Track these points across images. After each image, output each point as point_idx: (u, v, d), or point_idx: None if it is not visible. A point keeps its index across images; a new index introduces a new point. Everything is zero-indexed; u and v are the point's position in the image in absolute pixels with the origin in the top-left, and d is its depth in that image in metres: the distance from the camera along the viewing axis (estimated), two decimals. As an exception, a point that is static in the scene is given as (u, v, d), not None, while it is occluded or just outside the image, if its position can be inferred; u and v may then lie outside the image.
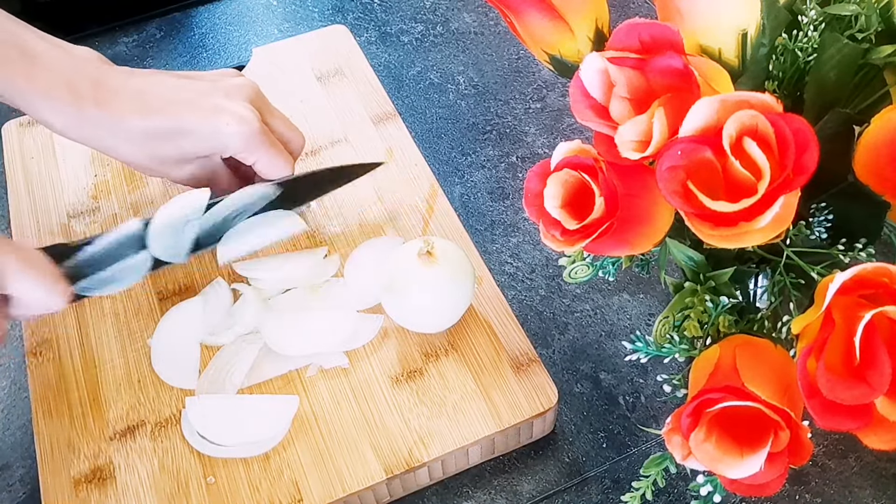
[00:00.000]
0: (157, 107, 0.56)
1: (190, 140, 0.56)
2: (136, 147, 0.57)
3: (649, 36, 0.38)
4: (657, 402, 0.58)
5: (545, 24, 0.44)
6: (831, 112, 0.39)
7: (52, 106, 0.55)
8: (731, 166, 0.34)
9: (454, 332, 0.58)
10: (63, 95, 0.54)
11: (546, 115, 0.75)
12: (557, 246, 0.39)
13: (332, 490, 0.52)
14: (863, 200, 0.39)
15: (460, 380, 0.55)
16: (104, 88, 0.56)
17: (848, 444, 0.55)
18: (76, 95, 0.55)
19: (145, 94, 0.56)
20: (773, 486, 0.37)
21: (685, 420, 0.37)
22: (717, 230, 0.35)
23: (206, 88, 0.58)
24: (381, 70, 0.79)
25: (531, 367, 0.56)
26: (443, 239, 0.57)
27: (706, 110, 0.35)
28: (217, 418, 0.54)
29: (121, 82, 0.56)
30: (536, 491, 0.55)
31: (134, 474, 0.53)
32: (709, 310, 0.41)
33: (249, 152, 0.57)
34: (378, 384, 0.56)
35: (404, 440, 0.53)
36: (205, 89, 0.57)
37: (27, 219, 0.66)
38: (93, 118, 0.55)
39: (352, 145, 0.69)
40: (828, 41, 0.38)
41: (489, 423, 0.53)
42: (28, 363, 0.58)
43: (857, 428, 0.34)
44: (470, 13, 0.84)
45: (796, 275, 0.41)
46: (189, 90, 0.57)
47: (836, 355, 0.34)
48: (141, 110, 0.55)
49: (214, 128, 0.56)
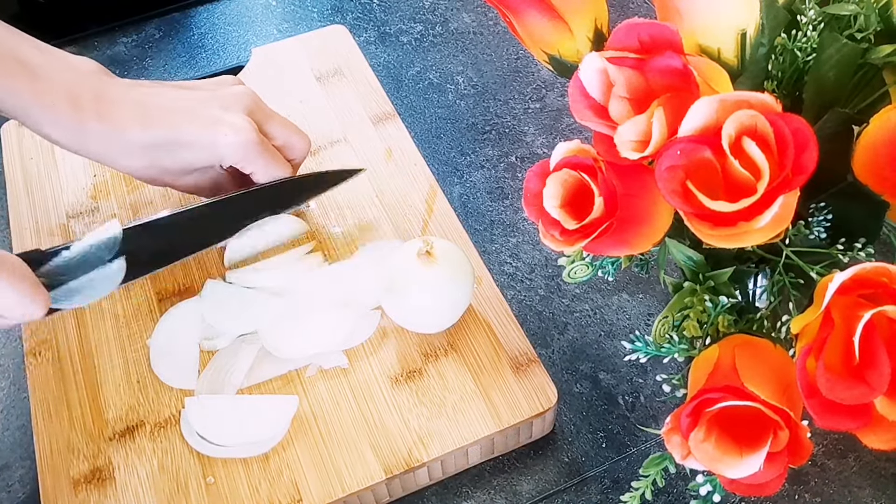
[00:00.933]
0: (157, 118, 0.56)
1: (189, 151, 0.57)
2: (137, 159, 0.57)
3: (648, 36, 0.38)
4: (656, 401, 0.58)
5: (544, 23, 0.44)
6: (830, 112, 0.39)
7: (53, 119, 0.54)
8: (731, 166, 0.34)
9: (453, 332, 0.58)
10: (64, 108, 0.54)
11: (545, 114, 0.75)
12: (557, 246, 0.39)
13: (332, 490, 0.51)
14: (862, 200, 0.39)
15: (460, 380, 0.55)
16: (105, 101, 0.55)
17: (847, 443, 0.55)
18: (77, 108, 0.54)
19: (145, 106, 0.56)
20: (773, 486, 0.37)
21: (684, 420, 0.37)
22: (717, 230, 0.35)
23: (205, 98, 0.58)
24: (380, 70, 0.79)
25: (531, 368, 0.56)
26: (442, 239, 0.57)
27: (705, 110, 0.35)
28: (216, 419, 0.54)
29: (121, 94, 0.56)
30: (536, 491, 0.55)
31: (133, 475, 0.53)
32: (708, 310, 0.41)
33: (247, 162, 0.57)
34: (377, 384, 0.56)
35: (404, 440, 0.53)
36: (203, 99, 0.57)
37: (26, 219, 0.66)
38: (94, 131, 0.55)
39: (351, 145, 0.69)
40: (827, 41, 0.38)
41: (489, 424, 0.53)
42: (27, 364, 0.58)
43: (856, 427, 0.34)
44: (469, 13, 0.84)
45: (795, 274, 0.41)
46: (188, 100, 0.57)
47: (836, 355, 0.34)
48: (141, 122, 0.55)
49: (212, 139, 0.56)
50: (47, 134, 0.55)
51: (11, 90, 0.54)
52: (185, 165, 0.57)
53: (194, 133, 0.56)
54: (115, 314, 0.60)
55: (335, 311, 0.59)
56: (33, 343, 0.59)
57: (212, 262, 0.62)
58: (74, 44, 0.83)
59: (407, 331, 0.58)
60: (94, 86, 0.56)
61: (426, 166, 0.67)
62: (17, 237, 0.65)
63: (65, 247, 0.53)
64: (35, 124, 0.55)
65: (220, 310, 0.59)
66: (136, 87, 0.57)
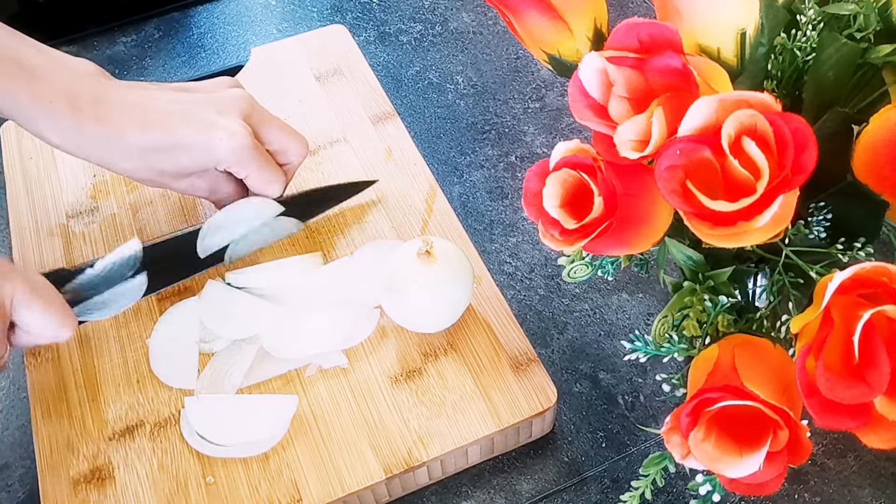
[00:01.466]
0: (155, 122, 0.56)
1: (186, 154, 0.56)
2: (135, 162, 0.56)
3: (648, 35, 0.38)
4: (656, 401, 0.58)
5: (544, 23, 0.44)
6: (830, 111, 0.39)
7: (51, 121, 0.54)
8: (730, 166, 0.34)
9: (453, 331, 0.58)
10: (62, 110, 0.54)
11: (545, 114, 0.75)
12: (556, 245, 0.39)
13: (332, 490, 0.51)
14: (861, 200, 0.39)
15: (459, 380, 0.55)
16: (103, 104, 0.55)
17: (847, 443, 0.55)
18: (76, 111, 0.54)
19: (144, 110, 0.56)
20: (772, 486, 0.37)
21: (684, 419, 0.37)
22: (716, 229, 0.35)
23: (201, 101, 0.58)
24: (379, 70, 0.79)
25: (530, 367, 0.56)
26: (442, 239, 0.57)
27: (705, 110, 0.35)
28: (216, 418, 0.54)
29: (119, 97, 0.56)
30: (535, 490, 0.55)
31: (133, 474, 0.53)
32: (708, 309, 0.41)
33: (241, 167, 0.57)
34: (377, 384, 0.56)
35: (403, 440, 0.53)
36: (200, 102, 0.57)
37: (26, 219, 0.66)
38: (92, 134, 0.55)
39: (351, 145, 0.69)
40: (826, 41, 0.38)
41: (488, 423, 0.53)
42: (27, 363, 0.58)
43: (856, 427, 0.34)
44: (469, 13, 0.84)
45: (795, 274, 0.41)
46: (184, 103, 0.57)
47: (835, 354, 0.34)
48: (140, 125, 0.55)
49: (207, 142, 0.56)
50: (46, 137, 0.55)
51: (9, 92, 0.54)
52: (181, 168, 0.57)
53: (190, 136, 0.56)
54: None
55: (334, 310, 0.59)
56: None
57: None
58: (74, 44, 0.83)
59: (406, 330, 0.58)
60: (93, 88, 0.56)
61: (426, 166, 0.67)
62: (16, 237, 0.65)
63: (89, 265, 0.55)
64: (33, 126, 0.55)
65: (218, 313, 0.59)
66: (133, 89, 0.57)
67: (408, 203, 0.65)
